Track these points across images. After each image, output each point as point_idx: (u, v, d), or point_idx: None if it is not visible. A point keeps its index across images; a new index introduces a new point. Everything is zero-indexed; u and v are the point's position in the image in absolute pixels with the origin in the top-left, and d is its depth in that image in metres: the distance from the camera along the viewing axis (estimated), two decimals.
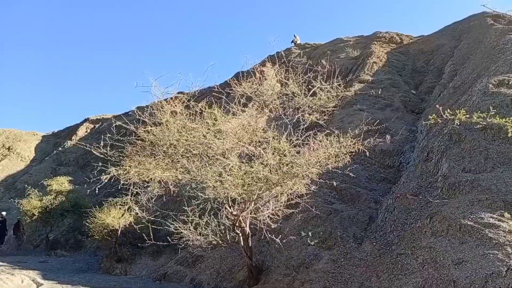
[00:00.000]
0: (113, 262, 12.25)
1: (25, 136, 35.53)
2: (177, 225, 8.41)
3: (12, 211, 24.33)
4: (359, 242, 8.52)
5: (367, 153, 7.46)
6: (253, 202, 8.09)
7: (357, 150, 7.43)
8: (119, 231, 12.34)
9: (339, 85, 8.55)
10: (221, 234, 8.58)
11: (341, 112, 13.98)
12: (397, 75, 16.98)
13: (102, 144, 7.69)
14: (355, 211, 9.54)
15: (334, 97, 8.53)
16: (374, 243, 8.23)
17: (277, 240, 8.03)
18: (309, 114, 8.47)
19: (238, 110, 8.63)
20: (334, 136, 7.45)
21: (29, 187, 20.82)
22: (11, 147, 33.37)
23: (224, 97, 8.68)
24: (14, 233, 21.17)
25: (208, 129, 7.92)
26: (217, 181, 7.26)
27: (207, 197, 8.06)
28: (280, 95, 9.24)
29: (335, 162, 7.35)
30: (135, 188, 8.21)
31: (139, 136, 8.12)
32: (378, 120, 8.37)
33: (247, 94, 8.99)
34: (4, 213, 20.18)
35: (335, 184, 8.38)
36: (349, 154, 7.45)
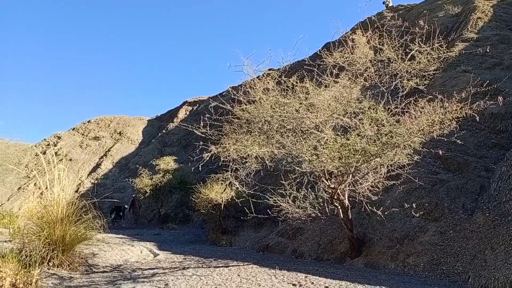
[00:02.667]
0: (219, 234, 13.04)
1: (133, 121, 38.88)
2: (275, 199, 8.63)
3: (127, 190, 27.08)
4: (469, 213, 7.93)
5: (477, 118, 6.83)
6: (350, 175, 7.96)
7: (463, 115, 6.84)
8: (222, 205, 13.05)
9: (440, 46, 7.87)
10: (319, 207, 8.62)
11: (443, 75, 12.92)
12: (506, 29, 15.09)
13: (201, 124, 8.11)
14: (464, 181, 8.87)
15: (435, 60, 7.90)
16: (487, 214, 7.59)
17: (379, 212, 7.82)
18: (408, 80, 7.96)
19: (330, 81, 8.44)
20: (437, 102, 6.93)
21: (140, 167, 22.94)
22: (122, 132, 36.75)
23: (315, 69, 8.53)
24: (130, 210, 23.61)
25: (301, 103, 7.88)
26: (312, 155, 7.25)
27: (304, 170, 8.10)
28: (374, 62, 8.82)
29: (439, 130, 6.86)
30: (234, 164, 8.52)
31: (235, 115, 8.39)
32: (486, 81, 7.57)
33: (339, 64, 8.74)
34: (126, 206, 22.44)
35: (440, 152, 7.85)
36: (455, 120, 6.89)
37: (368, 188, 8.14)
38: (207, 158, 7.74)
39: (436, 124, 6.80)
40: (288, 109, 7.71)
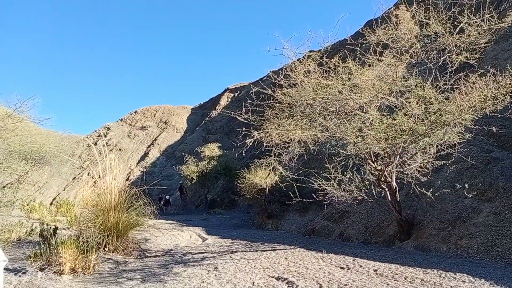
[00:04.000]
0: (264, 218, 13.16)
1: (177, 110, 39.77)
2: (320, 182, 8.56)
3: (174, 177, 27.87)
4: None
5: None
6: (398, 156, 7.73)
7: None
8: (267, 190, 13.13)
9: (491, 17, 7.38)
10: (366, 190, 8.45)
11: (495, 48, 12.16)
12: None
13: (244, 110, 8.13)
14: None
15: (485, 32, 7.43)
16: None
17: (428, 193, 7.56)
18: (457, 55, 7.55)
19: (374, 60, 8.17)
20: (489, 76, 6.54)
21: (186, 155, 23.52)
22: (167, 121, 37.70)
23: (358, 48, 8.28)
24: (179, 196, 24.32)
25: (343, 84, 7.70)
26: (357, 137, 7.09)
27: (348, 153, 7.95)
28: (420, 38, 8.43)
29: (492, 106, 6.48)
30: (277, 149, 8.51)
31: (277, 99, 8.34)
32: None
33: (382, 42, 8.43)
34: (167, 196, 23.03)
35: (494, 130, 7.44)
36: (509, 94, 6.48)
37: (416, 169, 7.88)
38: (250, 144, 7.78)
39: (489, 100, 6.44)
40: (330, 91, 7.56)
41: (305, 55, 8.56)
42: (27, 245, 8.26)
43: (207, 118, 36.33)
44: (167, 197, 22.52)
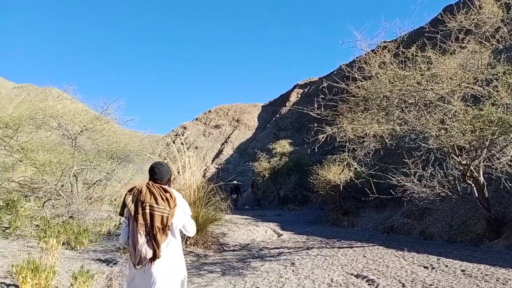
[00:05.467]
0: (339, 215, 12.95)
1: (248, 108, 40.44)
2: (398, 178, 8.22)
3: (248, 173, 28.39)
4: None
5: None
6: (485, 149, 7.18)
7: None
8: (341, 186, 12.90)
9: None
10: (449, 186, 7.97)
11: None
12: None
13: (315, 105, 8.05)
14: None
15: None
16: None
17: None
18: None
19: (455, 48, 7.66)
20: None
21: (258, 152, 23.84)
22: (239, 119, 38.49)
23: (437, 36, 7.81)
24: (252, 192, 24.75)
25: (422, 74, 7.31)
26: (440, 129, 6.71)
27: (430, 147, 7.55)
28: (507, 21, 7.76)
29: None
30: (351, 144, 8.32)
31: (350, 93, 8.15)
32: None
33: (464, 27, 7.87)
34: (235, 182, 23.38)
35: None
36: None
37: (507, 163, 7.26)
38: (323, 140, 7.68)
39: None
40: (408, 82, 7.22)
41: (379, 46, 8.27)
42: (116, 237, 8.92)
43: (277, 115, 36.49)
44: (235, 182, 22.80)
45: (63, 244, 7.39)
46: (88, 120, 12.22)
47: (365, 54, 8.12)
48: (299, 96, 37.14)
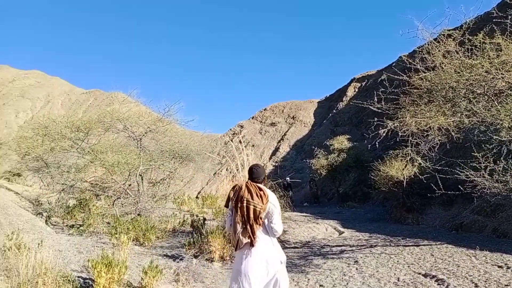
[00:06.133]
0: (403, 212, 12.48)
1: (303, 104, 40.20)
2: (467, 173, 7.77)
3: (305, 170, 28.22)
4: None
5: None
6: None
7: None
8: (404, 182, 12.44)
9: None
10: None
11: None
12: None
13: (375, 99, 7.82)
14: None
15: None
16: None
17: None
18: None
19: None
20: None
21: (315, 148, 23.61)
22: (294, 116, 38.37)
23: (507, 21, 7.27)
24: (310, 189, 24.55)
25: (491, 62, 6.85)
26: None
27: (502, 139, 7.06)
28: None
29: None
30: (414, 139, 7.99)
31: (413, 85, 7.82)
32: None
33: None
34: (287, 178, 23.25)
35: None
36: None
37: None
38: (384, 134, 7.45)
39: None
40: (476, 71, 6.80)
41: (443, 34, 7.85)
42: (181, 234, 9.27)
43: (334, 111, 35.89)
44: (287, 179, 22.69)
45: (132, 240, 7.81)
46: (151, 122, 12.76)
47: (428, 44, 7.75)
48: (356, 90, 36.26)
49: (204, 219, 9.57)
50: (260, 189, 3.85)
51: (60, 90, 57.32)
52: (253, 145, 34.80)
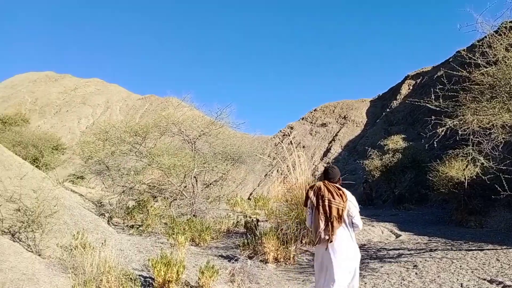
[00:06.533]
0: (464, 214, 11.84)
1: (355, 104, 39.37)
2: None
3: (358, 171, 27.61)
4: None
5: None
6: None
7: None
8: (466, 183, 11.81)
9: None
10: None
11: None
12: None
13: (432, 97, 7.52)
14: None
15: None
16: None
17: None
18: None
19: None
20: None
21: (368, 149, 23.04)
22: (346, 116, 37.70)
23: None
24: (363, 190, 23.97)
25: None
26: None
27: None
28: None
29: None
30: (476, 137, 7.59)
31: (473, 80, 7.43)
32: None
33: None
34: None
35: None
36: None
37: None
38: (442, 133, 7.15)
39: None
40: None
41: (504, 26, 7.40)
42: (235, 235, 9.40)
43: (388, 109, 34.81)
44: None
45: (188, 240, 8.04)
46: (205, 125, 13.09)
47: (488, 37, 7.34)
48: (411, 87, 34.96)
49: (258, 220, 9.65)
50: (339, 189, 4.14)
51: (118, 96, 60.22)
52: (303, 146, 34.59)
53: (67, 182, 16.04)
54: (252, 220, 9.61)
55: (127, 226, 10.33)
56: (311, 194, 4.25)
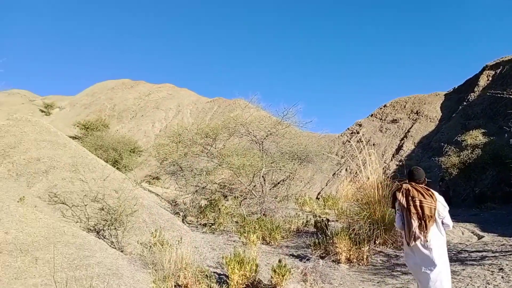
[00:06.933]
0: None
1: (428, 98, 37.37)
2: None
3: (433, 169, 26.18)
4: None
5: None
6: None
7: None
8: None
9: None
10: None
11: None
12: None
13: None
14: None
15: None
16: None
17: None
18: None
19: None
20: None
21: (444, 145, 21.78)
22: (418, 111, 35.93)
23: None
24: (440, 189, 22.70)
25: None
26: None
27: None
28: None
29: None
30: None
31: None
32: None
33: None
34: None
35: None
36: None
37: None
38: None
39: None
40: None
41: None
42: (305, 234, 9.38)
43: (464, 103, 32.56)
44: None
45: (259, 239, 8.16)
46: (271, 125, 13.21)
47: None
48: (490, 78, 32.44)
49: (328, 220, 9.54)
50: (427, 189, 4.26)
51: (188, 100, 62.61)
52: (373, 144, 33.50)
53: (144, 182, 17.01)
54: (322, 219, 9.52)
55: (200, 224, 10.72)
56: (399, 195, 4.31)
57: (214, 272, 6.18)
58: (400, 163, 30.18)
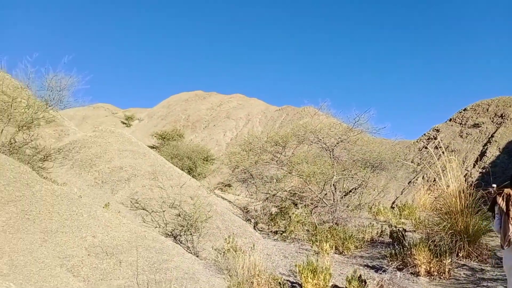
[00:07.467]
0: None
1: None
2: None
3: None
4: None
5: None
6: None
7: None
8: None
9: None
10: None
11: None
12: None
13: None
14: None
15: None
16: None
17: None
18: None
19: None
20: None
21: None
22: (503, 114, 33.17)
23: None
24: None
25: None
26: None
27: None
28: None
29: None
30: None
31: None
32: None
33: None
34: (494, 185, 19.85)
35: None
36: None
37: None
38: None
39: None
40: None
41: None
42: (380, 245, 9.03)
43: None
44: (494, 186, 19.29)
45: (331, 248, 8.00)
46: (342, 132, 12.94)
47: None
48: None
49: (405, 230, 9.11)
50: None
51: (257, 109, 63.62)
52: (452, 150, 31.48)
53: (217, 189, 17.48)
54: (399, 229, 9.11)
55: (271, 231, 10.77)
56: (499, 200, 4.40)
57: (286, 280, 6.16)
58: (484, 170, 28.01)
